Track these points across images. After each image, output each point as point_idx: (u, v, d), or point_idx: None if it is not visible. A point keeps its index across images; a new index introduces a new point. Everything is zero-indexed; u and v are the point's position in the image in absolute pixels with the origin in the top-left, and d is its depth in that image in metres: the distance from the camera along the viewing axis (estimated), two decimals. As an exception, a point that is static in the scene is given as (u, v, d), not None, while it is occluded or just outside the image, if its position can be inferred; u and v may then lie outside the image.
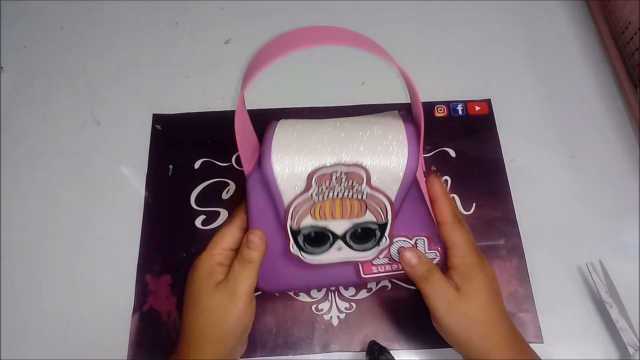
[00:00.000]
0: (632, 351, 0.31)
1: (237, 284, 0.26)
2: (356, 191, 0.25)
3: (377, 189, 0.25)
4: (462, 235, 0.27)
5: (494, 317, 0.26)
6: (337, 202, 0.25)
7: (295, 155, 0.25)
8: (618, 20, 0.42)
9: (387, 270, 0.29)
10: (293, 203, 0.25)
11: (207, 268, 0.27)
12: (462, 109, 0.41)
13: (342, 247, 0.27)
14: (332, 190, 0.25)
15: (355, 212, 0.26)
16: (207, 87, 0.44)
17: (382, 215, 0.26)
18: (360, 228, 0.26)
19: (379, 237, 0.27)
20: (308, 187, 0.25)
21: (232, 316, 0.26)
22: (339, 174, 0.25)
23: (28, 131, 0.42)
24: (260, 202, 0.26)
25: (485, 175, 0.38)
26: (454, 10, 0.47)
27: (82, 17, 0.48)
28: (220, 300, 0.26)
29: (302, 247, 0.27)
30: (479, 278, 0.26)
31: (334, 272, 0.29)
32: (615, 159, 0.39)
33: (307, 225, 0.26)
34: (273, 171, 0.25)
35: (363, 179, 0.25)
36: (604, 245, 0.36)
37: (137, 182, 0.39)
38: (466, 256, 0.27)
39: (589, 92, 0.42)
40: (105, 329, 0.34)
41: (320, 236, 0.27)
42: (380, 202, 0.26)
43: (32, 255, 0.37)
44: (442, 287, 0.26)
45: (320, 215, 0.26)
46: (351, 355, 0.33)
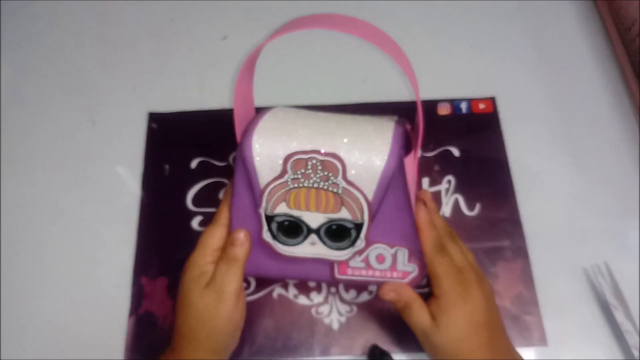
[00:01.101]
0: (637, 354, 0.30)
1: (224, 284, 0.26)
2: (331, 183, 0.25)
3: (353, 184, 0.25)
4: (441, 265, 0.27)
5: (469, 350, 0.26)
6: (312, 192, 0.25)
7: (276, 139, 0.25)
8: (624, 18, 0.41)
9: (362, 275, 0.28)
10: (268, 187, 0.25)
11: (198, 269, 0.27)
12: (466, 107, 0.41)
13: (316, 242, 0.27)
14: (307, 178, 0.25)
15: (331, 206, 0.26)
16: (204, 84, 0.43)
17: (357, 213, 0.26)
18: (335, 224, 0.26)
19: (355, 238, 0.27)
20: (284, 172, 0.25)
21: (221, 316, 0.27)
22: (315, 162, 0.24)
23: (24, 131, 0.41)
24: (243, 180, 0.26)
25: (490, 174, 0.38)
26: (458, 7, 0.46)
27: (78, 15, 0.47)
28: (209, 301, 0.26)
29: (275, 235, 0.27)
30: (455, 312, 0.26)
31: (307, 267, 0.28)
32: (623, 159, 0.39)
33: (281, 213, 0.26)
34: (252, 150, 0.25)
35: (339, 171, 0.25)
36: (610, 247, 0.35)
37: (132, 182, 0.39)
38: (445, 287, 0.27)
39: (595, 91, 0.42)
40: (101, 332, 0.33)
41: (295, 226, 0.26)
42: (356, 199, 0.25)
43: (27, 257, 0.36)
44: (417, 317, 0.27)
45: (295, 203, 0.26)
46: (352, 359, 0.32)
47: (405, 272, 0.28)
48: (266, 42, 0.24)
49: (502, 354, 0.27)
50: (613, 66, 0.43)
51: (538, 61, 0.43)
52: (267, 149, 0.25)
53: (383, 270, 0.28)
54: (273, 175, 0.25)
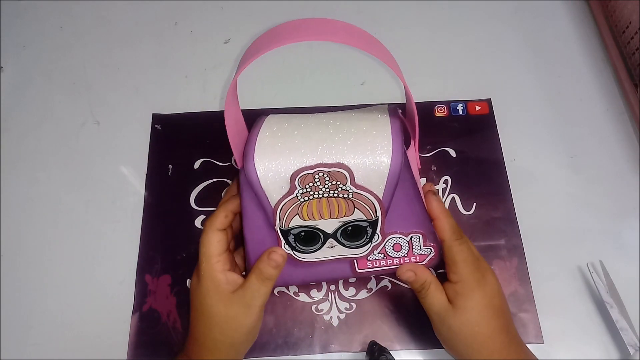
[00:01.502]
0: (633, 351, 0.31)
1: (254, 298, 0.27)
2: (341, 190, 0.25)
3: (363, 187, 0.25)
4: (461, 252, 0.27)
5: (486, 334, 0.27)
6: (323, 202, 0.25)
7: (278, 157, 0.25)
8: (618, 20, 0.42)
9: (382, 265, 0.29)
10: (279, 205, 0.25)
11: (212, 279, 0.27)
12: (463, 108, 0.41)
13: (335, 244, 0.27)
14: (317, 190, 0.25)
15: (343, 211, 0.26)
16: (206, 86, 0.44)
17: (371, 213, 0.26)
18: (350, 226, 0.26)
19: (371, 234, 0.27)
20: (292, 189, 0.25)
21: (245, 327, 0.27)
22: (322, 174, 0.25)
23: (28, 131, 0.42)
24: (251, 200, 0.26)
25: (486, 175, 0.38)
26: (454, 10, 0.47)
27: (82, 17, 0.48)
28: (235, 312, 0.27)
29: (294, 247, 0.27)
30: (474, 297, 0.27)
31: (329, 268, 0.29)
32: (616, 159, 0.39)
33: (296, 225, 0.26)
34: (257, 174, 0.25)
35: (347, 178, 0.25)
36: (605, 245, 0.36)
37: (136, 182, 0.39)
38: (463, 274, 0.27)
39: (590, 91, 0.42)
40: (105, 329, 0.34)
41: (311, 235, 0.27)
42: (367, 200, 0.25)
43: (32, 255, 0.37)
44: (433, 298, 0.27)
45: (308, 215, 0.26)
46: (351, 355, 0.33)
47: (422, 255, 0.29)
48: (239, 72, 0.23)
49: (515, 340, 0.28)
50: (607, 67, 0.43)
51: (533, 63, 0.44)
52: (271, 170, 0.25)
53: (401, 257, 0.28)
54: (282, 193, 0.25)
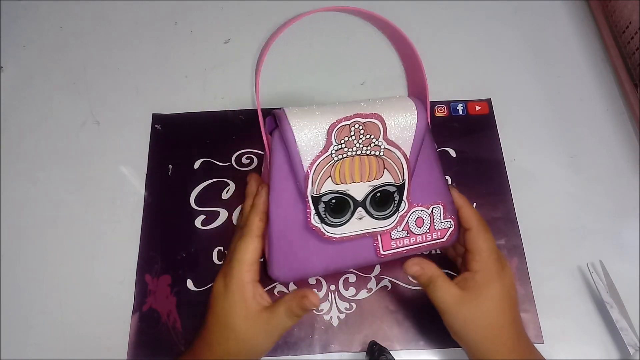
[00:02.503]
0: (633, 351, 0.31)
1: (277, 329, 0.27)
2: (374, 146, 0.26)
3: (393, 143, 0.26)
4: (486, 241, 0.28)
5: (500, 324, 0.27)
6: (356, 162, 0.26)
7: (312, 115, 0.26)
8: (618, 20, 0.42)
9: (405, 245, 0.29)
10: (314, 164, 0.26)
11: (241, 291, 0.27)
12: (463, 108, 0.41)
13: (363, 215, 0.27)
14: (351, 146, 0.26)
15: (374, 172, 0.27)
16: (206, 86, 0.44)
17: (399, 174, 0.27)
18: (379, 192, 0.27)
19: (398, 202, 0.28)
20: (328, 145, 0.25)
21: (261, 350, 0.27)
22: (357, 126, 0.25)
23: (28, 131, 0.42)
24: (282, 168, 0.26)
25: (486, 175, 0.38)
26: (454, 10, 0.47)
27: (82, 17, 0.48)
28: (256, 334, 0.27)
29: (323, 218, 0.27)
30: (494, 286, 0.27)
31: (353, 251, 0.28)
32: (616, 159, 0.39)
33: (327, 191, 0.26)
34: (292, 131, 0.25)
35: (380, 131, 0.26)
36: (605, 245, 0.36)
37: (136, 182, 0.39)
38: (487, 263, 0.27)
39: (590, 91, 0.42)
40: (105, 329, 0.34)
41: (342, 203, 0.27)
42: (396, 158, 0.27)
43: (32, 255, 0.37)
44: (444, 291, 0.27)
45: (340, 177, 0.26)
46: (351, 355, 0.33)
47: (443, 229, 0.29)
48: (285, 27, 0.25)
49: (524, 332, 0.28)
50: (607, 67, 0.43)
51: (533, 63, 0.44)
52: (307, 126, 0.25)
53: (423, 234, 0.29)
54: (317, 151, 0.26)
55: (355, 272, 0.35)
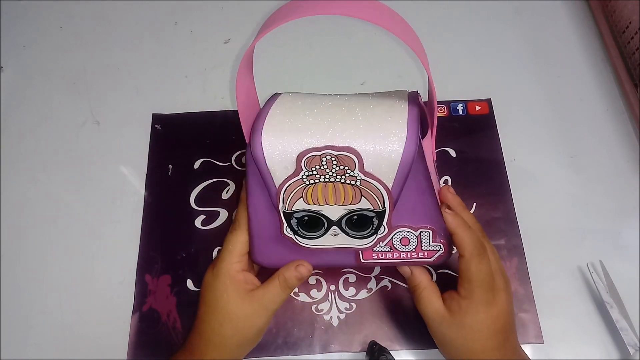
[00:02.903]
0: (633, 351, 0.30)
1: (272, 302, 0.27)
2: (349, 176, 0.24)
3: (372, 175, 0.24)
4: (477, 272, 0.26)
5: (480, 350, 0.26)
6: (329, 187, 0.24)
7: (286, 135, 0.24)
8: (618, 19, 0.42)
9: (387, 258, 0.28)
10: (284, 185, 0.24)
11: (230, 277, 0.27)
12: (463, 108, 0.41)
13: (338, 233, 0.26)
14: (323, 174, 0.24)
15: (350, 198, 0.25)
16: (206, 86, 0.44)
17: (378, 203, 0.25)
18: (355, 215, 0.25)
19: (377, 226, 0.26)
20: (298, 170, 0.24)
21: (257, 328, 0.27)
22: (329, 157, 0.23)
23: (28, 131, 0.42)
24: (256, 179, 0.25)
25: (486, 175, 0.38)
26: (454, 10, 0.47)
27: (82, 17, 0.48)
28: (249, 312, 0.27)
29: (296, 231, 0.26)
30: (478, 316, 0.26)
31: (332, 255, 0.28)
32: (616, 159, 0.39)
33: (299, 209, 0.25)
34: (263, 151, 0.24)
35: (355, 164, 0.23)
36: (605, 245, 0.36)
37: (136, 182, 0.39)
38: (474, 293, 0.26)
39: (590, 91, 0.42)
40: (105, 329, 0.34)
41: (315, 220, 0.26)
42: (375, 189, 0.24)
43: (32, 255, 0.37)
44: (426, 304, 0.27)
45: (312, 199, 0.25)
46: (351, 355, 0.33)
47: (430, 251, 0.28)
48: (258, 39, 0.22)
49: (510, 355, 0.27)
50: (607, 67, 0.43)
51: (533, 63, 0.44)
52: (278, 148, 0.24)
53: (409, 252, 0.28)
54: (287, 173, 0.24)
55: (355, 272, 0.35)
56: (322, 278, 0.35)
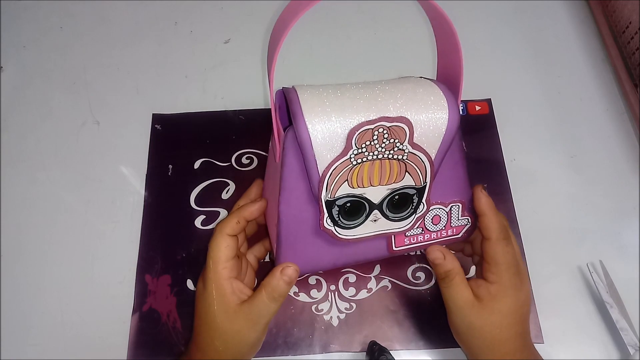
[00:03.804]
0: (633, 351, 0.31)
1: (261, 316, 0.26)
2: (397, 150, 0.23)
3: (419, 147, 0.24)
4: (505, 254, 0.26)
5: (505, 337, 0.26)
6: (376, 165, 0.24)
7: (330, 114, 0.22)
8: (618, 19, 0.42)
9: (419, 241, 0.27)
10: (329, 170, 0.23)
11: (217, 288, 0.26)
12: (463, 108, 0.41)
13: (378, 217, 0.26)
14: (372, 150, 0.23)
15: (395, 175, 0.24)
16: (206, 86, 0.44)
17: (421, 177, 0.25)
18: (397, 194, 0.25)
19: (417, 204, 0.26)
20: (347, 149, 0.23)
21: (249, 343, 0.26)
22: (382, 130, 0.23)
23: (27, 131, 0.42)
24: (294, 169, 0.24)
25: (486, 175, 0.38)
26: (453, 10, 0.47)
27: (82, 17, 0.48)
28: (240, 327, 0.26)
29: (337, 221, 0.25)
30: (507, 301, 0.26)
31: (364, 247, 0.27)
32: (616, 159, 0.39)
33: (343, 195, 0.24)
34: (309, 132, 0.22)
35: (406, 135, 0.23)
36: (605, 245, 0.36)
37: (136, 182, 0.39)
38: (502, 277, 0.26)
39: (590, 91, 0.42)
40: (105, 329, 0.34)
41: (357, 206, 0.25)
42: (419, 162, 0.24)
43: (32, 255, 0.37)
44: (457, 291, 0.27)
45: (357, 182, 0.24)
46: (351, 355, 0.33)
47: (459, 226, 0.28)
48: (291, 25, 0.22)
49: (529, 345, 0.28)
50: (607, 67, 0.43)
51: (533, 63, 0.44)
52: (325, 129, 0.22)
53: (439, 231, 0.27)
54: (334, 155, 0.23)
55: (355, 271, 0.35)
56: (322, 278, 0.35)
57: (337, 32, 0.46)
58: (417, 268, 0.35)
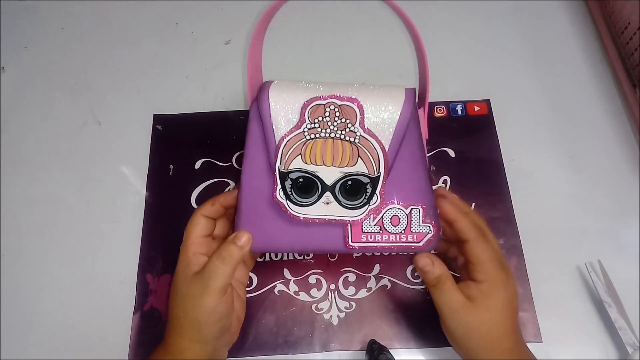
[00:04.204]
0: (631, 351, 0.31)
1: (212, 279, 0.26)
2: (349, 131, 0.25)
3: (371, 132, 0.25)
4: (486, 251, 0.27)
5: (501, 334, 0.27)
6: (328, 143, 0.25)
7: (292, 90, 0.25)
8: (617, 20, 0.42)
9: (377, 241, 0.27)
10: (284, 139, 0.25)
11: (184, 260, 0.28)
12: (462, 109, 0.41)
13: (331, 201, 0.26)
14: (325, 127, 0.25)
15: (347, 158, 0.26)
16: (207, 87, 0.44)
17: (374, 166, 0.26)
18: (350, 180, 0.26)
19: (370, 194, 0.26)
20: (301, 122, 0.25)
21: (204, 308, 0.27)
22: (333, 107, 0.25)
23: (28, 131, 0.42)
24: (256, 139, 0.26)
25: (485, 175, 0.39)
26: (453, 10, 0.47)
27: (83, 17, 0.48)
28: (193, 292, 0.27)
29: (289, 195, 0.26)
30: (499, 296, 0.27)
31: (320, 235, 0.28)
32: (615, 159, 0.39)
33: (296, 168, 0.26)
34: (269, 102, 0.25)
35: (356, 117, 0.25)
36: (603, 245, 0.36)
37: (137, 182, 0.40)
38: (490, 273, 0.27)
39: (588, 92, 0.42)
40: (106, 329, 0.34)
41: (309, 183, 0.26)
42: (372, 148, 0.26)
43: (33, 255, 0.37)
44: (450, 295, 0.27)
45: (310, 157, 0.26)
46: (351, 354, 0.33)
47: (420, 233, 0.27)
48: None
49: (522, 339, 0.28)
50: (606, 67, 0.43)
51: (532, 64, 0.44)
52: (283, 100, 0.25)
53: (398, 234, 0.27)
54: (290, 126, 0.25)
55: (355, 271, 0.35)
56: (322, 277, 0.35)
57: (337, 33, 0.46)
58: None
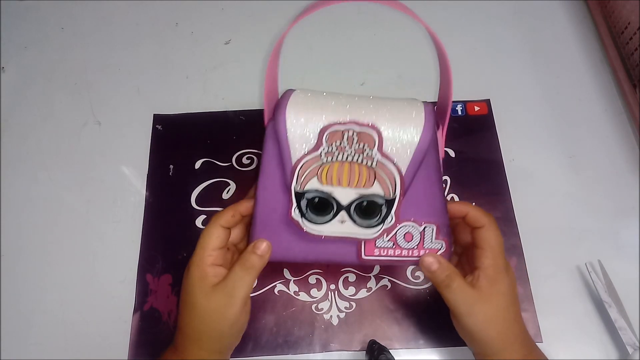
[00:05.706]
0: (631, 350, 0.31)
1: (236, 289, 0.26)
2: (366, 156, 0.25)
3: (388, 156, 0.25)
4: (497, 238, 0.27)
5: (511, 319, 0.27)
6: (345, 166, 0.25)
7: (310, 112, 0.25)
8: (617, 20, 0.42)
9: (389, 255, 0.28)
10: (301, 161, 0.25)
11: (200, 271, 0.27)
12: (462, 109, 0.41)
13: (346, 219, 0.26)
14: (342, 151, 0.25)
15: (364, 180, 0.25)
16: (207, 87, 0.44)
17: (390, 189, 0.26)
18: (366, 201, 0.26)
19: (385, 215, 0.26)
20: (318, 145, 0.25)
21: (228, 319, 0.27)
22: (351, 133, 0.25)
23: (29, 131, 0.42)
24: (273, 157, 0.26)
25: (485, 175, 0.39)
26: (453, 10, 0.47)
27: (83, 17, 0.48)
28: (217, 304, 0.26)
29: (304, 213, 0.26)
30: (504, 281, 0.27)
31: (334, 248, 0.28)
32: (615, 159, 0.39)
33: (312, 189, 0.26)
34: (286, 124, 0.25)
35: (375, 143, 0.25)
36: (603, 245, 0.36)
37: (137, 182, 0.40)
38: (497, 259, 0.27)
39: (588, 92, 0.42)
40: (106, 329, 0.34)
41: (324, 203, 0.26)
42: (389, 172, 0.25)
43: (33, 255, 0.37)
44: (462, 292, 0.26)
45: (327, 179, 0.26)
46: (351, 354, 0.33)
47: (432, 249, 0.27)
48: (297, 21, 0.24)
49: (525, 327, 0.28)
50: (606, 68, 0.43)
51: (532, 64, 0.44)
52: (301, 123, 0.25)
53: (410, 249, 0.27)
54: (306, 148, 0.25)
55: (355, 271, 0.35)
56: (322, 277, 0.35)
57: (337, 33, 0.46)
58: (417, 268, 0.35)
